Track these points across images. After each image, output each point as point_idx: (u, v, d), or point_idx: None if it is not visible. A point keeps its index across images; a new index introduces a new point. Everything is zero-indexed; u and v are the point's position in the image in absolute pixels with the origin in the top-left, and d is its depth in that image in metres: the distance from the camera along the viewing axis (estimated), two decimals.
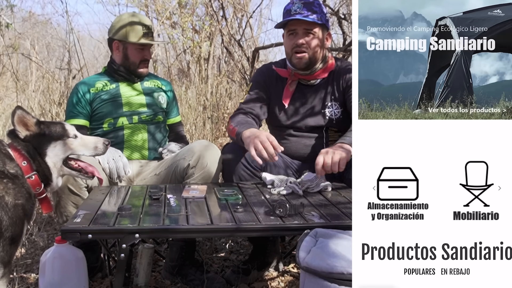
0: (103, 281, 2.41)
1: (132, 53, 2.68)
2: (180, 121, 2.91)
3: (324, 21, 2.44)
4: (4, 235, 1.76)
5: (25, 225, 1.85)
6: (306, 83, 2.54)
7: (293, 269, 2.52)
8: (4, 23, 5.81)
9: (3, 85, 7.81)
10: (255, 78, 2.66)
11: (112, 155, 2.44)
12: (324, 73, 2.52)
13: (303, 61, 2.45)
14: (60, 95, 5.04)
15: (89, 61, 8.13)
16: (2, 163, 1.82)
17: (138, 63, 2.69)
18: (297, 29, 2.44)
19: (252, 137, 2.24)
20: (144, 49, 2.70)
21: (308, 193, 2.21)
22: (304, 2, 2.41)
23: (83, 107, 2.62)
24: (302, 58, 2.45)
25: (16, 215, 1.79)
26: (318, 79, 2.53)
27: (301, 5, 2.41)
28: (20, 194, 1.82)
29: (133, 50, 2.68)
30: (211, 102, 5.38)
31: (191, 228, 1.80)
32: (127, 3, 6.94)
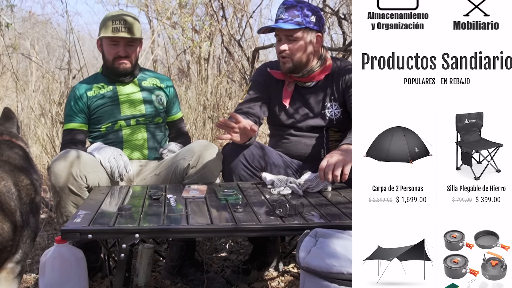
0: (103, 281, 2.41)
1: (106, 50, 2.62)
2: (181, 118, 2.88)
3: (307, 23, 2.40)
4: (31, 226, 1.83)
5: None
6: (302, 85, 2.54)
7: (293, 269, 2.52)
8: (4, 23, 5.82)
9: (3, 85, 7.81)
10: (255, 77, 2.65)
11: (112, 154, 2.44)
12: (320, 75, 2.51)
13: (287, 65, 2.46)
14: (60, 95, 5.03)
15: (89, 61, 8.11)
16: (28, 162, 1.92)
17: (111, 59, 2.60)
18: (280, 35, 2.45)
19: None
20: (117, 45, 2.59)
21: (308, 193, 2.21)
22: (287, 7, 2.40)
23: (81, 111, 2.61)
24: (286, 63, 2.46)
25: (38, 210, 1.89)
26: (313, 81, 2.52)
27: (283, 10, 2.41)
28: (38, 189, 1.91)
29: (106, 46, 2.62)
30: (211, 102, 5.37)
31: (191, 228, 1.80)
32: (127, 3, 6.94)
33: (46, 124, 4.70)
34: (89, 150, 2.49)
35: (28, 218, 1.81)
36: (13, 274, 1.80)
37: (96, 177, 2.35)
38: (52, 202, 2.80)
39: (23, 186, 1.84)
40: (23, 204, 1.80)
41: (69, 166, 2.27)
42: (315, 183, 2.24)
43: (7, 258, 1.76)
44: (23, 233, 1.79)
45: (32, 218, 1.84)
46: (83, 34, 9.60)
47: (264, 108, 2.58)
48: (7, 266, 1.78)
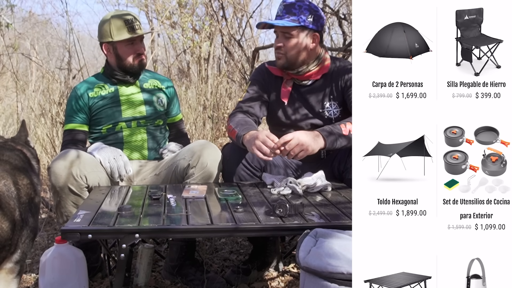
0: (103, 281, 2.41)
1: (123, 51, 2.60)
2: (181, 119, 2.89)
3: (304, 22, 2.42)
4: (31, 226, 1.83)
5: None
6: (300, 83, 2.54)
7: (293, 269, 2.52)
8: (4, 23, 5.82)
9: (3, 85, 7.82)
10: (254, 76, 2.66)
11: (112, 154, 2.44)
12: (317, 75, 2.51)
13: (281, 61, 2.48)
14: (60, 95, 5.03)
15: (89, 61, 8.13)
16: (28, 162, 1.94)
17: (132, 59, 2.60)
18: (277, 31, 2.48)
19: (252, 140, 2.25)
20: (134, 43, 2.60)
21: (308, 193, 2.21)
22: (286, 5, 2.44)
23: (82, 111, 2.61)
24: (280, 59, 2.48)
25: (37, 210, 1.89)
26: (310, 80, 2.53)
27: (282, 7, 2.45)
28: (38, 190, 1.91)
29: (123, 48, 2.60)
30: (211, 102, 5.37)
31: (191, 228, 1.80)
32: (127, 3, 6.94)
33: (46, 124, 4.70)
34: (89, 150, 2.49)
35: (27, 217, 1.81)
36: (12, 274, 1.80)
37: (96, 177, 2.35)
38: (52, 202, 2.80)
39: (22, 186, 1.84)
40: (22, 203, 1.80)
41: (69, 166, 2.27)
42: (315, 183, 2.24)
43: (6, 257, 1.76)
44: (22, 232, 1.79)
45: (31, 217, 1.84)
46: (83, 34, 9.61)
47: (263, 107, 2.58)
48: (6, 266, 1.78)
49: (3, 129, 5.16)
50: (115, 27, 2.57)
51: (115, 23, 2.57)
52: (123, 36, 2.56)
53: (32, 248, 1.95)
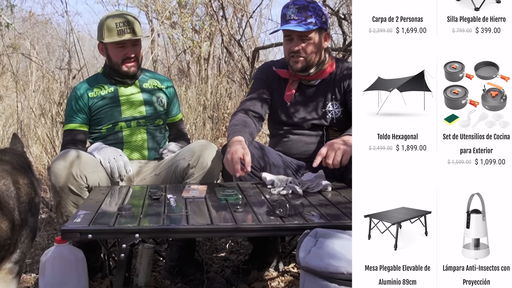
0: (103, 281, 2.41)
1: (112, 53, 2.59)
2: (181, 119, 2.88)
3: (320, 23, 2.42)
4: (30, 226, 1.83)
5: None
6: (307, 83, 2.55)
7: (293, 269, 2.52)
8: (4, 23, 5.80)
9: (3, 85, 7.82)
10: (257, 75, 2.66)
11: (112, 154, 2.44)
12: (324, 74, 2.53)
13: (300, 65, 2.47)
14: (60, 95, 5.04)
15: (89, 61, 8.12)
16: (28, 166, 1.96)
17: (120, 62, 2.58)
18: (292, 35, 2.45)
19: (229, 150, 2.25)
20: (124, 47, 2.57)
21: (308, 193, 2.21)
22: (299, 7, 2.40)
23: (82, 111, 2.60)
24: (299, 63, 2.47)
25: (37, 210, 1.89)
26: (318, 79, 2.54)
27: (295, 10, 2.41)
28: (38, 190, 1.91)
29: (112, 50, 2.59)
30: (211, 102, 5.37)
31: (191, 228, 1.80)
32: (127, 3, 6.93)
33: (46, 124, 4.70)
34: (89, 150, 2.49)
35: (26, 217, 1.81)
36: (12, 274, 1.80)
37: (96, 177, 2.35)
38: (52, 202, 2.80)
39: (22, 185, 1.84)
40: (22, 203, 1.80)
41: (69, 166, 2.27)
42: (315, 183, 2.24)
43: (5, 257, 1.76)
44: (22, 232, 1.79)
45: (31, 218, 1.84)
46: (83, 34, 9.58)
47: (266, 106, 2.58)
48: (5, 266, 1.78)
49: (3, 129, 5.16)
50: (107, 28, 2.56)
51: (108, 24, 2.56)
52: (112, 39, 2.55)
53: (32, 248, 1.94)
